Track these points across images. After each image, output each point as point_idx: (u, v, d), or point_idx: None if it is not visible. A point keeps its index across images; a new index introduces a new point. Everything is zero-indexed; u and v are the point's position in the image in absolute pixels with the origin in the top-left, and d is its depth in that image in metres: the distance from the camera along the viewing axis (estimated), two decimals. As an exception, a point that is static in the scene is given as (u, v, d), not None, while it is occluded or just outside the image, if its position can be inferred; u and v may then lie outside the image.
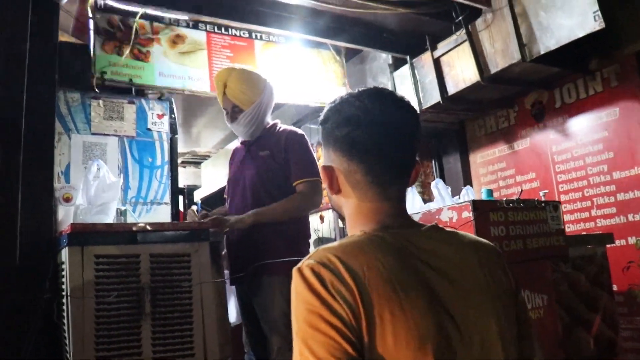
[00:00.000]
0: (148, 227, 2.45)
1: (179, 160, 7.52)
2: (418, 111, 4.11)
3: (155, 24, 3.63)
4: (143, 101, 3.40)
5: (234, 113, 2.82)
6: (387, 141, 1.10)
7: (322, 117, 1.20)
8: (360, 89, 1.18)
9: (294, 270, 1.01)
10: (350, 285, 0.95)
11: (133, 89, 3.41)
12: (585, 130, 3.90)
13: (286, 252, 2.65)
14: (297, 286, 0.99)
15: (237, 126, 2.84)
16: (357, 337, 0.93)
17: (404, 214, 1.15)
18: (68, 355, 2.24)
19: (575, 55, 3.70)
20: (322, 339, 0.93)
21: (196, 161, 7.92)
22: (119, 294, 2.28)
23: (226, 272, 2.84)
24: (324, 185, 1.20)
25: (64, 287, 2.32)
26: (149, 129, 3.38)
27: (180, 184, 7.59)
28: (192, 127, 6.14)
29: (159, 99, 3.51)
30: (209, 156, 7.56)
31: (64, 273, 2.33)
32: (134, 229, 2.41)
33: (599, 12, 3.12)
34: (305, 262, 1.01)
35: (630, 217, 3.61)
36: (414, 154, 1.16)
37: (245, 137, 2.91)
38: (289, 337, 2.57)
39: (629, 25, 3.44)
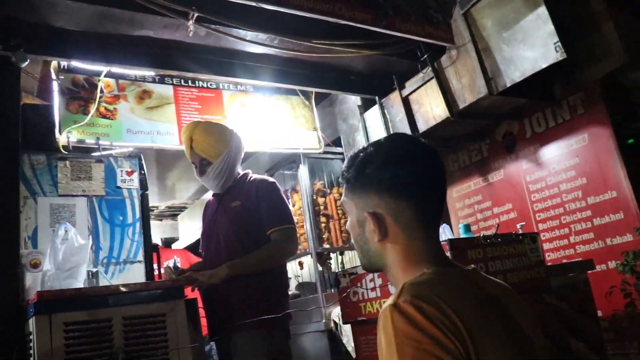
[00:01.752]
0: (119, 289, 2.38)
1: (155, 213, 7.48)
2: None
3: (121, 81, 3.60)
4: (111, 159, 3.35)
5: (202, 166, 2.80)
6: (431, 177, 1.17)
7: (357, 164, 1.20)
8: (383, 137, 1.26)
9: (388, 309, 0.98)
10: (454, 319, 0.94)
11: (100, 147, 3.35)
12: (557, 158, 3.93)
13: (263, 304, 2.59)
14: (397, 324, 0.95)
15: (207, 179, 2.81)
16: None
17: (444, 253, 1.20)
18: None
19: (542, 85, 3.75)
20: None
21: (173, 213, 7.85)
22: (91, 361, 2.19)
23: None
24: (372, 231, 1.17)
25: (32, 358, 2.22)
26: (119, 187, 3.32)
27: (158, 238, 7.55)
28: (166, 179, 6.09)
29: (128, 155, 3.46)
30: (185, 207, 7.50)
31: (31, 344, 2.23)
32: (104, 292, 2.34)
33: (559, 43, 3.18)
34: (400, 299, 0.98)
35: (608, 242, 3.61)
36: (446, 193, 1.25)
37: (216, 190, 2.88)
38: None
39: (589, 53, 3.49)
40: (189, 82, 3.88)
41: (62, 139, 3.23)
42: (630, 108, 3.94)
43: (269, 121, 4.14)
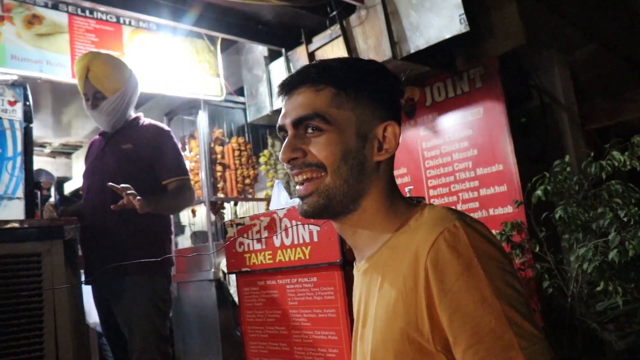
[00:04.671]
0: (-9, 225, 2.25)
1: (48, 151, 7.08)
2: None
3: (7, 0, 3.29)
4: (-9, 86, 3.09)
5: (95, 100, 2.66)
6: None
7: (361, 68, 1.05)
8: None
9: (458, 226, 0.87)
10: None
11: (-21, 72, 3.07)
12: (453, 128, 4.07)
13: (149, 249, 2.53)
14: (476, 243, 0.85)
15: (99, 114, 2.67)
16: None
17: None
18: None
19: (445, 55, 3.84)
20: (523, 300, 0.83)
21: (67, 151, 7.46)
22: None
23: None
24: (375, 148, 1.03)
25: None
26: (-1, 117, 3.08)
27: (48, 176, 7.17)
28: (62, 114, 5.75)
29: (11, 84, 3.20)
30: (80, 146, 7.14)
31: None
32: (-29, 227, 2.19)
33: (464, 16, 3.26)
34: (465, 218, 0.89)
35: (491, 212, 3.81)
36: None
37: (106, 128, 2.75)
38: (149, 338, 2.48)
39: (491, 30, 3.62)
40: (87, 12, 3.61)
41: None
42: (526, 88, 4.13)
43: (171, 63, 3.96)
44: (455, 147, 4.04)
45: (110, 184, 2.38)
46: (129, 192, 2.36)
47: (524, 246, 3.47)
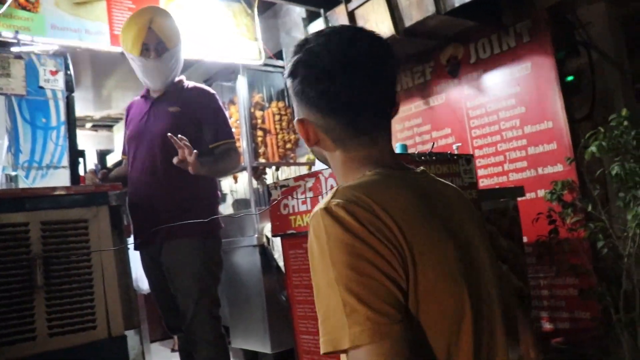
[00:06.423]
0: (36, 192, 2.25)
1: (90, 123, 7.17)
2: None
3: (45, -30, 3.28)
4: (33, 56, 3.09)
5: (157, 50, 2.63)
6: (369, 90, 1.00)
7: (289, 69, 1.05)
8: (326, 32, 1.04)
9: (319, 213, 0.92)
10: (388, 223, 0.89)
11: (20, 42, 3.07)
12: (499, 86, 3.93)
13: (200, 213, 2.51)
14: (329, 228, 0.90)
15: (161, 64, 2.62)
16: (402, 278, 0.88)
17: (395, 155, 1.09)
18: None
19: (491, 10, 3.68)
20: (370, 283, 0.86)
21: (108, 124, 7.54)
22: (5, 267, 2.08)
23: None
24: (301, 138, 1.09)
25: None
26: (41, 87, 3.09)
27: (93, 149, 7.28)
28: (102, 87, 5.77)
29: (53, 54, 3.21)
30: (121, 119, 7.19)
31: (-62, 246, 2.10)
32: (19, 194, 2.20)
33: (510, -35, 3.10)
34: (332, 202, 0.92)
35: (540, 171, 3.69)
36: (395, 92, 1.07)
37: (158, 84, 2.69)
38: (202, 302, 2.48)
39: (540, -21, 3.44)
40: (123, -22, 3.58)
41: (-25, 30, 2.94)
42: (573, 44, 3.94)
43: (208, 28, 3.90)
44: (502, 105, 3.90)
45: (169, 134, 2.34)
46: (186, 144, 2.33)
47: (576, 205, 3.35)
